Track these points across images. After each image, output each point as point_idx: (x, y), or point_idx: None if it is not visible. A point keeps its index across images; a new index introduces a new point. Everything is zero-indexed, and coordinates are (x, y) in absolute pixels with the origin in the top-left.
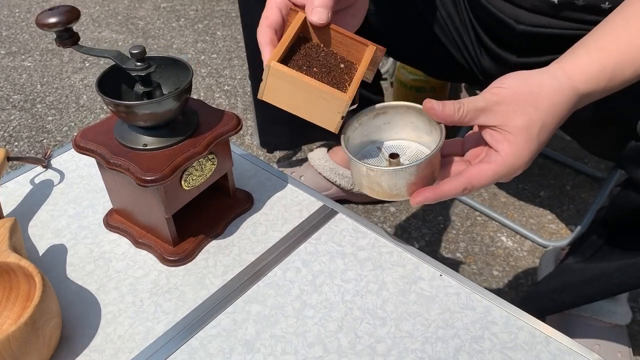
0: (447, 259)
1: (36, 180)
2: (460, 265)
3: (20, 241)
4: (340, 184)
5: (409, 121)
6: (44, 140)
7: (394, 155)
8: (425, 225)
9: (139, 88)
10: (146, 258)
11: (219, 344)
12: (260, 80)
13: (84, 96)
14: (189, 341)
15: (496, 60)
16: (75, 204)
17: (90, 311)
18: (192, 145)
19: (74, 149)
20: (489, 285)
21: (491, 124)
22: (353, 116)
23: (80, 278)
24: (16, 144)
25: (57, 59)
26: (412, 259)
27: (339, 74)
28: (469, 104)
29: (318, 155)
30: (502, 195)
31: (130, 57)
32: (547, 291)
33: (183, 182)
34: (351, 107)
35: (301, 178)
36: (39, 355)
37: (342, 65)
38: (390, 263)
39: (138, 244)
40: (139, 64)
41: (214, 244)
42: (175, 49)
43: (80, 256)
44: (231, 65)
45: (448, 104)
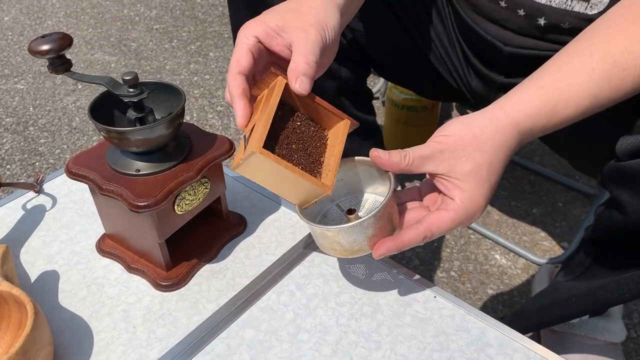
0: (442, 278)
1: (28, 206)
2: (455, 284)
3: (12, 268)
4: None
5: (361, 174)
6: (37, 163)
7: (350, 211)
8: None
9: (132, 114)
10: (139, 283)
11: None
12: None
13: (77, 118)
14: None
15: (484, 81)
16: (67, 229)
17: (82, 339)
18: (185, 170)
19: (66, 175)
20: (483, 304)
21: (439, 172)
22: None
23: (72, 305)
24: (8, 167)
25: (50, 82)
26: (406, 280)
27: (315, 150)
28: (414, 152)
29: None
30: (495, 212)
31: (122, 83)
32: (536, 308)
33: (176, 207)
34: (353, 128)
35: None
36: None
37: (317, 138)
38: (384, 285)
39: (131, 269)
40: (131, 90)
41: (207, 268)
42: (168, 70)
43: (72, 282)
44: (224, 86)
45: (394, 153)
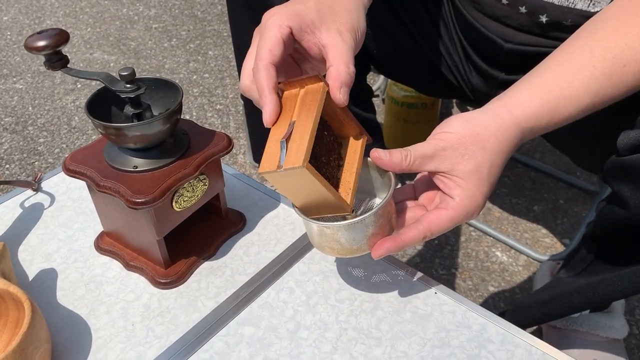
0: (443, 275)
1: (26, 204)
2: (456, 281)
3: (9, 267)
4: None
5: (361, 173)
6: (36, 163)
7: None
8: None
9: (129, 110)
10: (137, 281)
11: None
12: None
13: (76, 117)
14: None
15: (485, 78)
16: (65, 227)
17: (81, 337)
18: (183, 167)
19: (63, 172)
20: (485, 301)
21: (440, 170)
22: None
23: (70, 303)
24: (7, 166)
25: (49, 81)
26: (406, 277)
27: (333, 162)
28: (416, 151)
29: None
30: (496, 210)
31: (119, 79)
32: (537, 302)
33: (174, 204)
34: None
35: None
36: None
37: (335, 147)
38: (384, 281)
39: (129, 266)
40: (128, 85)
41: (206, 265)
42: (167, 69)
43: (70, 280)
44: (223, 85)
45: (395, 153)
